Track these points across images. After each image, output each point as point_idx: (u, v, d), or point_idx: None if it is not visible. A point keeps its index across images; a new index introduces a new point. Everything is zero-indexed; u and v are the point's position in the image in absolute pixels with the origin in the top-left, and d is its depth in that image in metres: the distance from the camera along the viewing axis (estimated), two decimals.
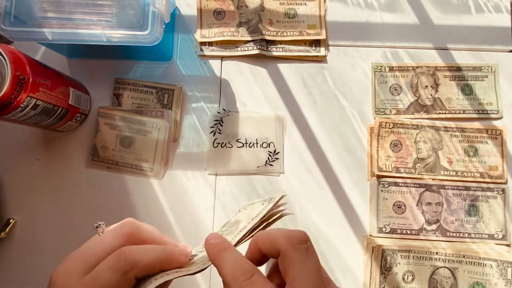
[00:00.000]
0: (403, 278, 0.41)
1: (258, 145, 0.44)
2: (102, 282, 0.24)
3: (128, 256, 0.25)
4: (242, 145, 0.44)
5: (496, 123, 0.45)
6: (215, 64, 0.46)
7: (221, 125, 0.45)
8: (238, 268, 0.24)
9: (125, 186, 0.44)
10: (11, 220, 0.43)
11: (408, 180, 0.43)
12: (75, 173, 0.44)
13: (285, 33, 0.46)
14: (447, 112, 0.45)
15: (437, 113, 0.45)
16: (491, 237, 0.42)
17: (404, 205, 0.43)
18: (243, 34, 0.46)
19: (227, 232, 0.29)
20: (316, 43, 0.46)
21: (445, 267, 0.41)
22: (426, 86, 0.45)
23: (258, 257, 0.26)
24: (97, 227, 0.28)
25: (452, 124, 0.44)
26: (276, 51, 0.46)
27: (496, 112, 0.45)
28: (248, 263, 0.25)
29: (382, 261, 0.41)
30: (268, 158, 0.44)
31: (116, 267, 0.24)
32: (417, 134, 0.44)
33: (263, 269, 0.30)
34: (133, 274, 0.25)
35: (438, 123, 0.44)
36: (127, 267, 0.24)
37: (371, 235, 0.43)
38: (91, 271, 0.25)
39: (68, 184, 0.44)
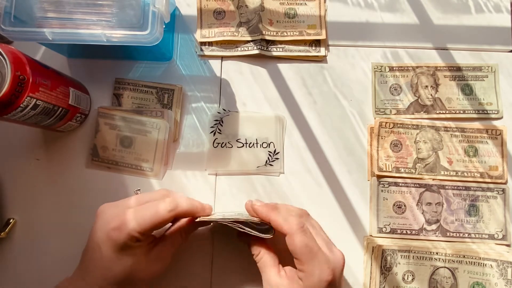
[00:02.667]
0: (403, 278, 0.41)
1: (258, 145, 0.44)
2: (148, 214, 0.33)
3: (175, 198, 0.35)
4: (242, 145, 0.44)
5: (496, 123, 0.45)
6: (215, 64, 0.46)
7: (221, 125, 0.45)
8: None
9: (125, 186, 0.44)
10: (11, 220, 0.43)
11: (408, 180, 0.43)
12: (75, 173, 0.44)
13: (285, 33, 0.46)
14: (447, 112, 0.45)
15: (437, 113, 0.45)
16: (491, 237, 0.42)
17: (404, 205, 0.43)
18: (243, 34, 0.46)
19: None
20: (316, 43, 0.46)
21: (445, 267, 0.41)
22: (426, 86, 0.45)
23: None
24: (137, 191, 0.41)
25: (452, 124, 0.44)
26: (276, 51, 0.46)
27: (496, 112, 0.45)
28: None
29: (382, 261, 0.41)
30: (268, 158, 0.44)
31: (165, 205, 0.34)
32: (417, 134, 0.44)
33: None
34: (174, 213, 0.34)
35: (438, 123, 0.44)
36: (173, 205, 0.34)
37: (371, 235, 0.43)
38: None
39: (68, 184, 0.44)
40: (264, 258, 0.35)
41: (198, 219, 0.36)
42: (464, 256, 0.41)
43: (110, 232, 0.33)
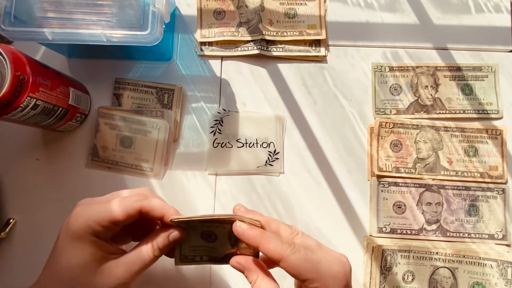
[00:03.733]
0: (403, 278, 0.41)
1: (258, 145, 0.44)
2: (112, 203, 0.30)
3: (146, 192, 0.33)
4: (242, 145, 0.44)
5: (496, 123, 0.45)
6: (215, 64, 0.46)
7: (221, 125, 0.45)
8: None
9: (125, 186, 0.44)
10: (11, 220, 0.43)
11: (408, 180, 0.43)
12: (75, 173, 0.44)
13: (285, 33, 0.46)
14: (447, 112, 0.45)
15: (437, 113, 0.45)
16: (491, 237, 0.42)
17: (404, 205, 0.43)
18: (243, 34, 0.46)
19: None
20: (316, 43, 0.46)
21: (445, 267, 0.41)
22: (426, 86, 0.45)
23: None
24: None
25: (452, 124, 0.44)
26: (276, 51, 0.46)
27: (496, 112, 0.45)
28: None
29: (382, 261, 0.41)
30: (268, 158, 0.44)
31: (133, 193, 0.32)
32: (417, 134, 0.44)
33: None
34: (140, 204, 0.30)
35: (438, 123, 0.44)
36: (140, 197, 0.31)
37: (371, 235, 0.43)
38: None
39: (68, 184, 0.44)
40: (263, 284, 0.30)
41: (172, 219, 0.31)
42: (464, 256, 0.41)
43: (69, 220, 0.30)
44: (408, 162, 0.44)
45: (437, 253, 0.41)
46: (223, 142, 0.44)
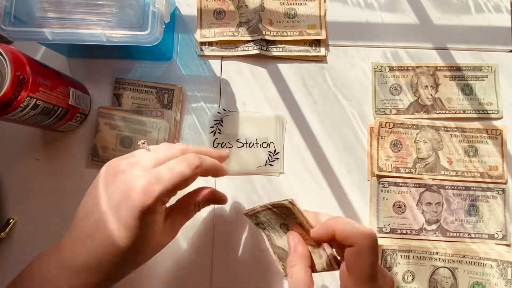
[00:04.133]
0: (403, 278, 0.41)
1: (258, 145, 0.44)
2: (176, 172, 0.30)
3: (197, 156, 0.32)
4: (242, 145, 0.44)
5: (496, 123, 0.45)
6: (215, 64, 0.46)
7: (221, 125, 0.45)
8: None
9: None
10: (11, 220, 0.43)
11: (408, 180, 0.43)
12: (75, 173, 0.44)
13: (285, 33, 0.46)
14: (447, 112, 0.45)
15: (437, 113, 0.45)
16: (491, 237, 0.42)
17: (404, 205, 0.43)
18: (243, 34, 0.46)
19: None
20: (316, 43, 0.46)
21: (445, 267, 0.41)
22: (426, 86, 0.45)
23: (327, 239, 0.29)
24: (143, 143, 0.33)
25: (452, 124, 0.44)
26: (276, 51, 0.46)
27: (496, 112, 0.45)
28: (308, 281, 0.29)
29: (382, 261, 0.41)
30: (268, 158, 0.44)
31: (191, 161, 0.31)
32: (417, 134, 0.44)
33: None
34: (198, 170, 0.31)
35: (438, 123, 0.44)
36: (197, 162, 0.31)
37: None
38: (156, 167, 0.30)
39: (68, 184, 0.44)
40: (297, 272, 0.30)
41: (245, 212, 0.34)
42: (464, 256, 0.41)
43: (135, 197, 0.28)
44: (408, 162, 0.44)
45: (437, 253, 0.41)
46: (223, 142, 0.44)
